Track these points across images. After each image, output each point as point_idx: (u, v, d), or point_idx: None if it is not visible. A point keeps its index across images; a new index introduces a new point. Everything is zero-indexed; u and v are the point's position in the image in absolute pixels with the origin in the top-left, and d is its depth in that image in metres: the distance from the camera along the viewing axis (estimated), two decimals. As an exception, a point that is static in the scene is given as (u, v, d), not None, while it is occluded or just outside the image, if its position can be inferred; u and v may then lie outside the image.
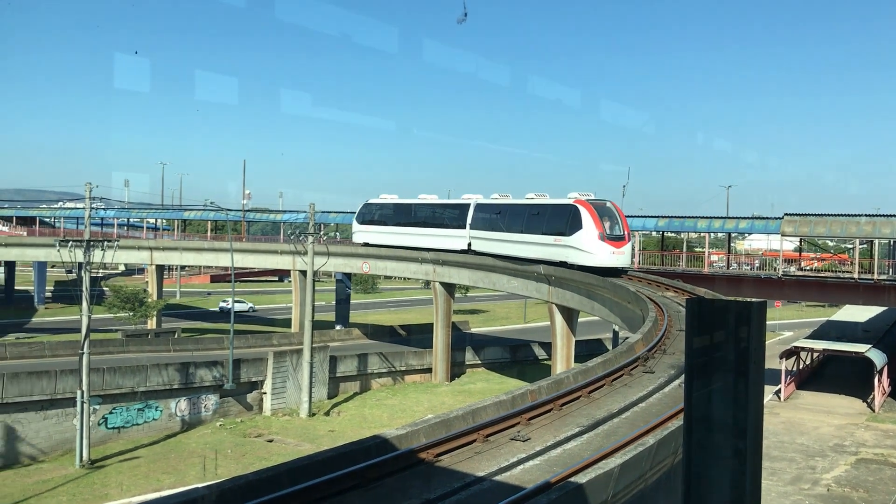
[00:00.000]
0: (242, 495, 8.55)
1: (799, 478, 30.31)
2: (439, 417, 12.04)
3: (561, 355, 43.62)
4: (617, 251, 38.32)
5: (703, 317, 4.35)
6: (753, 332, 4.20)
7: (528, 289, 45.93)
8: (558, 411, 13.91)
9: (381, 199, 58.22)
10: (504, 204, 47.69)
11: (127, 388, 37.39)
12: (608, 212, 39.39)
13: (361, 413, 43.10)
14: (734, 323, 4.24)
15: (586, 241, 38.38)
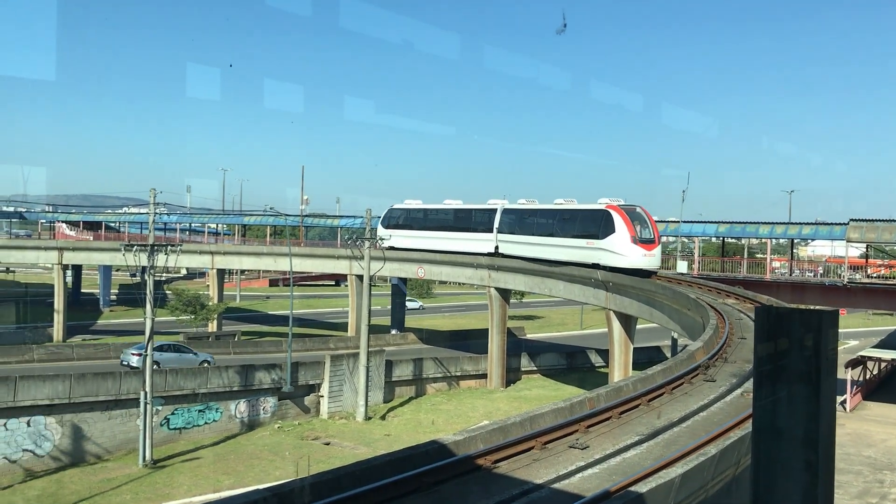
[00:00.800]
0: (305, 497, 8.66)
1: (866, 491, 29.39)
2: (497, 424, 12.02)
3: (618, 363, 43.11)
4: (648, 253, 40.51)
5: (773, 325, 4.26)
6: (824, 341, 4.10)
7: (586, 295, 45.56)
8: (617, 419, 13.77)
9: (406, 205, 60.34)
10: (535, 209, 49.52)
11: (188, 389, 38.15)
12: (639, 217, 41.85)
13: (417, 417, 43.23)
14: (804, 332, 4.15)
15: (619, 244, 40.73)
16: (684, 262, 55.11)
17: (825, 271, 55.97)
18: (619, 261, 40.74)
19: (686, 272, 50.48)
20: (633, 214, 41.82)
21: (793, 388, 4.10)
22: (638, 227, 41.07)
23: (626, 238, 40.59)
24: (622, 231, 40.81)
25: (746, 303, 33.86)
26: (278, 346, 55.68)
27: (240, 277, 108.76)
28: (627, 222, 41.03)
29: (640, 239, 40.63)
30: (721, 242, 66.21)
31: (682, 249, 63.86)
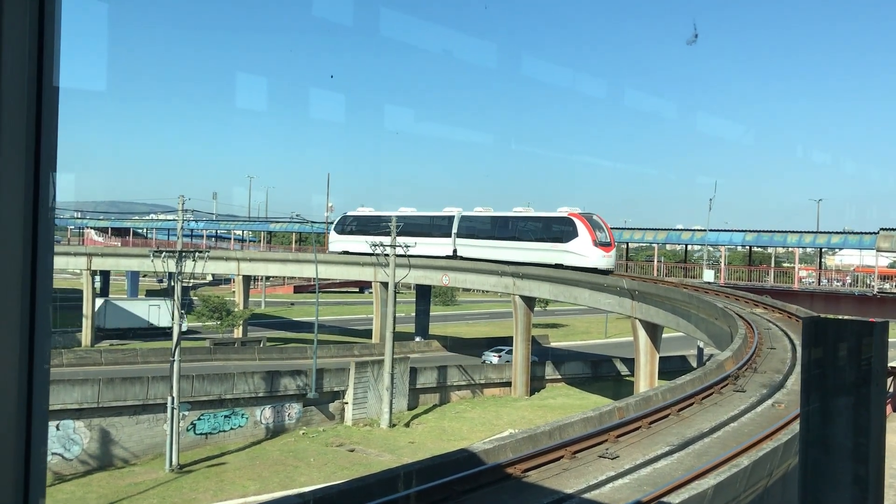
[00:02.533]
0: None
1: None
2: (526, 433, 11.95)
3: (644, 372, 42.81)
4: (606, 255, 46.59)
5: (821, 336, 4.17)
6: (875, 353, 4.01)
7: (611, 303, 45.34)
8: (647, 429, 13.63)
9: (359, 212, 64.75)
10: (498, 216, 54.70)
11: (214, 395, 38.38)
12: (597, 223, 47.77)
13: (441, 425, 43.16)
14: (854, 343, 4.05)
15: (582, 246, 46.49)
16: (711, 270, 54.65)
17: (854, 281, 55.25)
18: (582, 261, 46.24)
19: (713, 281, 50.05)
20: (593, 221, 47.64)
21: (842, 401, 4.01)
22: (597, 232, 46.96)
23: (588, 241, 46.34)
24: (584, 235, 46.58)
25: (775, 312, 33.49)
26: (303, 353, 55.84)
27: (265, 284, 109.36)
28: (589, 228, 46.84)
29: (599, 242, 46.54)
30: (748, 251, 65.58)
31: (708, 258, 63.33)
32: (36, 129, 1.87)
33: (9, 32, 1.84)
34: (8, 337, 1.74)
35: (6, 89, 1.83)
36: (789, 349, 23.33)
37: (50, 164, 1.93)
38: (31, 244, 1.82)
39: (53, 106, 1.93)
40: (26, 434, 1.75)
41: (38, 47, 1.87)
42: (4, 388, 1.73)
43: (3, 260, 1.77)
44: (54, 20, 1.94)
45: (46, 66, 1.89)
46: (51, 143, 1.93)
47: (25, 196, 1.81)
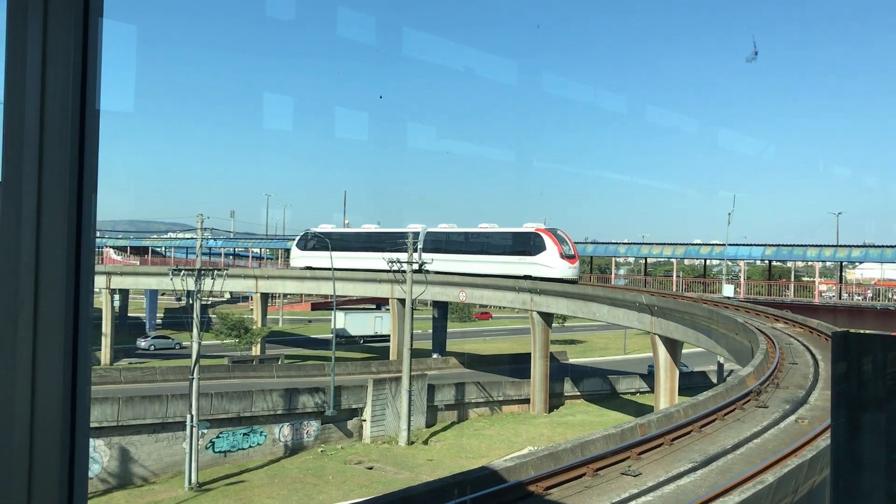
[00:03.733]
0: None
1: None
2: (548, 450, 11.90)
3: (664, 388, 42.48)
4: (571, 266, 50.83)
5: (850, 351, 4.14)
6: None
7: (630, 319, 45.10)
8: (669, 446, 13.53)
9: (321, 229, 67.61)
10: (465, 231, 58.01)
11: (233, 413, 38.44)
12: (561, 238, 51.94)
13: (459, 442, 42.98)
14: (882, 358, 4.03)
15: (550, 259, 50.47)
16: (730, 285, 54.29)
17: (875, 295, 54.70)
18: (549, 272, 50.17)
19: (732, 296, 49.70)
20: (558, 236, 51.78)
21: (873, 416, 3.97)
22: (563, 246, 51.08)
23: (555, 254, 50.41)
24: (552, 249, 50.63)
25: (796, 327, 33.20)
26: (321, 370, 55.88)
27: (283, 301, 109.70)
28: (555, 242, 50.98)
29: (565, 255, 50.65)
30: (767, 266, 65.11)
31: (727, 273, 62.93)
32: (79, 152, 1.91)
33: (53, 57, 1.88)
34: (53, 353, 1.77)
35: (50, 112, 1.87)
36: (811, 364, 23.11)
37: (92, 185, 1.97)
38: (75, 264, 1.85)
39: (95, 129, 1.97)
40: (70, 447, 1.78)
41: (81, 72, 1.91)
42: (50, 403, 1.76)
43: (49, 279, 1.80)
44: (97, 45, 1.99)
45: (90, 90, 1.93)
46: (93, 164, 1.96)
47: (69, 217, 1.84)
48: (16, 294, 1.77)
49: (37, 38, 1.86)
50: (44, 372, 1.75)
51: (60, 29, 1.88)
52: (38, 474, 1.74)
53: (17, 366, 1.75)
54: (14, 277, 1.78)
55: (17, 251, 1.79)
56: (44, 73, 1.86)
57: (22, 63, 1.86)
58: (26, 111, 1.85)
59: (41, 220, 1.80)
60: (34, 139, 1.85)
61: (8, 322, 1.76)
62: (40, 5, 1.86)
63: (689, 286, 59.38)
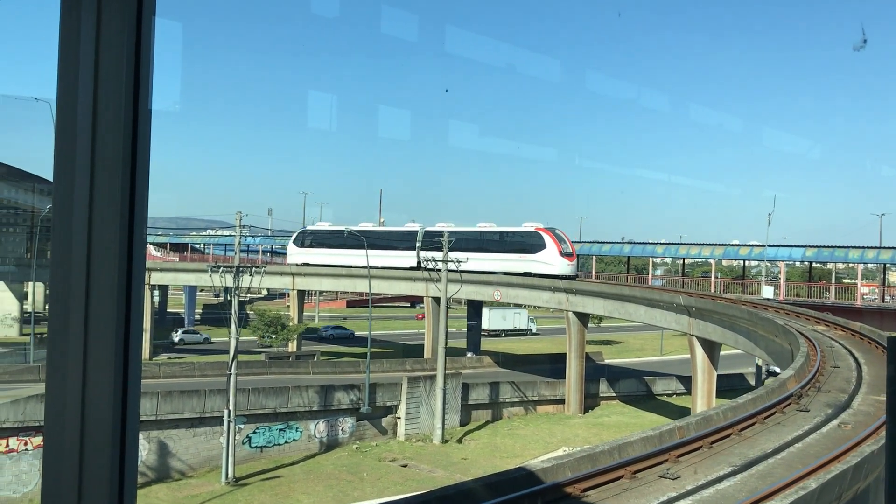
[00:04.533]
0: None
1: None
2: (585, 451, 11.81)
3: (702, 390, 41.98)
4: (570, 263, 53.72)
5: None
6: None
7: (667, 320, 44.65)
8: (708, 449, 13.35)
9: (317, 227, 70.28)
10: (465, 230, 59.55)
11: (269, 408, 38.78)
12: (560, 237, 54.66)
13: (493, 442, 42.91)
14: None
15: (550, 257, 53.18)
16: (769, 287, 53.52)
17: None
18: (550, 269, 52.82)
19: (771, 297, 48.98)
20: (557, 235, 54.50)
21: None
22: (562, 244, 53.83)
23: (555, 252, 53.14)
24: (552, 247, 53.35)
25: (837, 330, 32.59)
26: (356, 367, 56.17)
27: (319, 298, 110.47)
28: (555, 240, 53.67)
29: (563, 253, 53.45)
30: (808, 267, 64.06)
31: (766, 274, 62.04)
32: (132, 150, 1.91)
33: (106, 55, 1.89)
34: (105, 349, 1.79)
35: (103, 111, 1.88)
36: (854, 368, 22.66)
37: (144, 183, 1.97)
38: (127, 261, 1.87)
39: (147, 128, 1.97)
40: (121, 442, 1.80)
41: (134, 71, 1.92)
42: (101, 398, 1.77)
43: (100, 276, 1.81)
44: (150, 44, 1.99)
45: (142, 89, 1.93)
46: (145, 163, 1.97)
47: (122, 214, 1.85)
48: (68, 291, 1.78)
49: (90, 37, 1.87)
50: (95, 368, 1.76)
51: (114, 27, 1.89)
52: (89, 469, 1.75)
53: (68, 362, 1.76)
54: (66, 274, 1.80)
55: (69, 248, 1.80)
56: (97, 72, 1.87)
57: (75, 61, 1.87)
58: (79, 109, 1.86)
59: (93, 218, 1.81)
60: (86, 137, 1.86)
61: (60, 319, 1.78)
62: (94, 3, 1.86)
63: (727, 287, 58.63)
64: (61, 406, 1.76)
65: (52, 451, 1.77)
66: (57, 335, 1.78)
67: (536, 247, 54.11)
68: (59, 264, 1.80)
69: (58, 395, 1.77)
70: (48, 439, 1.77)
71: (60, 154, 1.87)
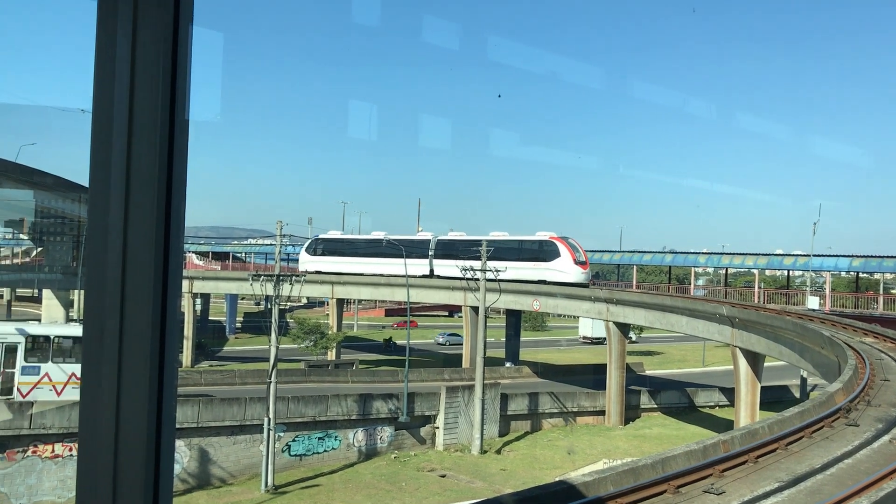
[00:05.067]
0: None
1: None
2: (627, 465, 11.61)
3: (745, 402, 41.23)
4: (584, 271, 55.10)
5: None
6: None
7: (709, 331, 43.98)
8: (754, 464, 13.03)
9: (329, 235, 71.11)
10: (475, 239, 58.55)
11: (309, 417, 38.96)
12: (574, 245, 56.01)
13: (532, 453, 42.59)
14: None
15: (564, 265, 54.50)
16: (815, 297, 52.44)
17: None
18: (564, 277, 54.10)
19: (817, 308, 47.98)
20: (570, 244, 55.79)
21: None
22: (576, 253, 55.21)
23: (570, 260, 54.50)
24: (566, 255, 54.73)
25: (887, 342, 31.73)
26: (394, 376, 56.23)
27: (357, 307, 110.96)
28: (569, 249, 55.12)
29: (578, 261, 54.76)
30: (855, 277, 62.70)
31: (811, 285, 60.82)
32: (168, 160, 1.90)
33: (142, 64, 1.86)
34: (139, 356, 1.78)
35: (139, 120, 1.86)
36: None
37: (180, 193, 1.96)
38: (163, 269, 1.85)
39: (184, 138, 1.96)
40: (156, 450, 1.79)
41: (171, 79, 1.89)
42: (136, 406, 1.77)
43: (138, 285, 1.82)
44: (187, 53, 1.96)
45: (179, 98, 1.91)
46: (181, 173, 1.96)
47: (157, 224, 1.83)
48: (103, 299, 1.78)
49: (126, 46, 1.86)
50: (129, 375, 1.76)
51: (150, 37, 1.87)
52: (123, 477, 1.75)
53: (102, 369, 1.76)
54: (101, 283, 1.79)
55: (104, 257, 1.80)
56: (132, 82, 1.86)
57: (111, 71, 1.86)
58: (114, 119, 1.85)
59: (128, 227, 1.80)
60: (122, 147, 1.85)
61: (95, 327, 1.78)
62: (130, 11, 1.84)
63: (771, 298, 57.60)
64: (95, 414, 1.76)
65: (86, 459, 1.77)
66: (92, 343, 1.78)
67: (551, 255, 55.42)
68: (94, 273, 1.79)
69: (92, 403, 1.77)
70: (82, 447, 1.77)
71: (96, 163, 1.87)
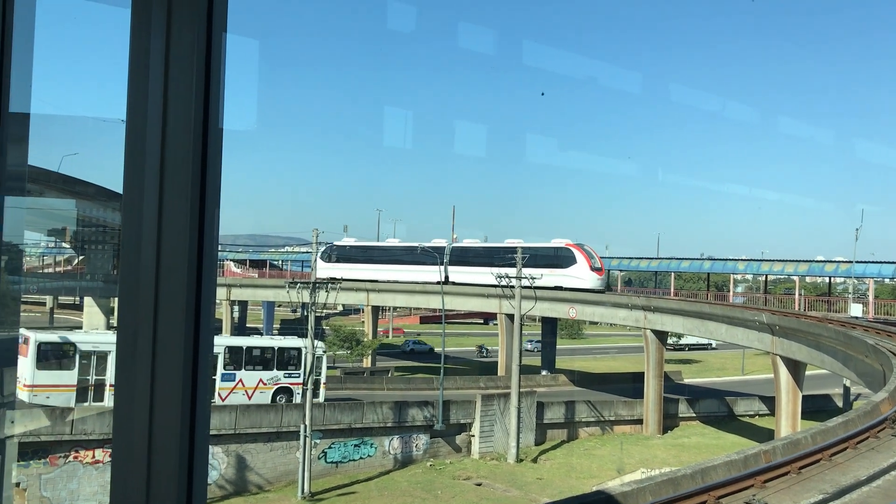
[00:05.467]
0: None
1: None
2: (666, 475, 11.44)
3: (786, 411, 40.52)
4: (600, 277, 56.77)
5: None
6: None
7: (749, 339, 43.32)
8: (796, 475, 12.76)
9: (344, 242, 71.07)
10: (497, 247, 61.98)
11: (345, 424, 39.07)
12: (589, 252, 57.63)
13: (569, 462, 42.26)
14: None
15: (581, 271, 56.01)
16: (858, 304, 51.39)
17: None
18: (580, 283, 55.54)
19: (860, 316, 47.00)
20: (586, 250, 57.42)
21: None
22: (591, 260, 56.82)
23: (586, 267, 56.00)
24: (582, 262, 56.24)
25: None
26: (429, 384, 56.23)
27: (392, 314, 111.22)
28: (585, 256, 56.68)
29: (594, 267, 56.33)
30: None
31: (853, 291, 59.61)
32: (201, 169, 1.90)
33: (176, 72, 1.86)
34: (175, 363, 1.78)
35: (172, 131, 1.86)
36: (953, 391, 21.44)
37: (214, 201, 1.96)
38: (196, 277, 1.86)
39: (218, 147, 1.96)
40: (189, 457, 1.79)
41: (204, 88, 1.89)
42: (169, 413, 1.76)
43: (171, 293, 1.83)
44: (221, 61, 1.96)
45: (212, 107, 1.91)
46: (215, 182, 1.96)
47: (191, 232, 1.83)
48: (136, 307, 1.79)
49: (159, 54, 1.86)
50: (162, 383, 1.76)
51: (183, 45, 1.87)
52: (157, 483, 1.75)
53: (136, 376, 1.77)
54: (135, 290, 1.80)
55: (138, 265, 1.80)
56: (165, 90, 1.87)
57: (144, 79, 1.87)
58: (148, 128, 1.86)
59: (161, 236, 1.81)
60: (155, 156, 1.86)
61: (129, 333, 1.79)
62: (163, 19, 1.85)
63: (812, 305, 56.58)
64: (129, 421, 1.77)
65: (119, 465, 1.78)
66: (125, 350, 1.79)
67: (567, 261, 56.85)
68: (128, 280, 1.80)
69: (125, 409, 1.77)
70: (115, 453, 1.78)
71: (130, 172, 1.89)
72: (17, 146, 2.28)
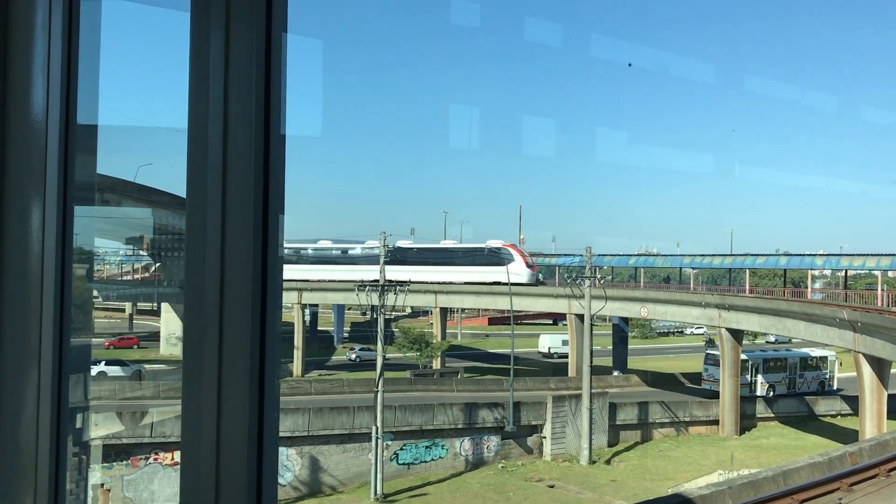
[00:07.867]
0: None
1: None
2: (747, 478, 11.10)
3: (870, 411, 39.03)
4: (533, 273, 66.42)
5: None
6: None
7: (829, 336, 41.92)
8: (885, 478, 12.23)
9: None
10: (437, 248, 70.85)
11: (416, 425, 39.25)
12: (522, 251, 67.42)
13: (643, 463, 41.57)
14: None
15: (518, 268, 63.52)
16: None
17: None
18: (517, 278, 61.19)
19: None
20: (521, 249, 67.48)
21: None
22: (526, 258, 66.16)
23: (522, 264, 64.74)
24: (519, 260, 64.84)
25: None
26: (499, 385, 56.00)
27: (461, 315, 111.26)
28: (520, 254, 66.01)
29: (528, 264, 65.62)
30: None
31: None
32: (264, 175, 1.89)
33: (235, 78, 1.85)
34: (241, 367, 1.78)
35: (233, 138, 1.86)
36: None
37: (278, 207, 1.95)
38: (261, 282, 1.85)
39: (280, 153, 1.95)
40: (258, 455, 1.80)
41: (265, 95, 1.88)
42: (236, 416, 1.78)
43: (236, 298, 1.81)
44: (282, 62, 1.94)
45: (274, 115, 1.91)
46: (278, 187, 1.95)
47: (255, 237, 1.82)
48: (202, 312, 1.81)
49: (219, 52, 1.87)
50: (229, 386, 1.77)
51: (243, 47, 1.87)
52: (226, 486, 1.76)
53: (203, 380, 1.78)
54: (200, 295, 1.81)
55: (203, 271, 1.82)
56: (226, 96, 1.88)
57: (205, 85, 1.87)
58: (209, 135, 1.86)
59: (225, 243, 1.82)
60: (217, 163, 1.87)
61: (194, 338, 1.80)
62: (222, 18, 1.84)
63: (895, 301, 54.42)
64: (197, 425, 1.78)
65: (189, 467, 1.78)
66: (191, 355, 1.80)
67: (506, 260, 64.33)
68: (193, 286, 1.82)
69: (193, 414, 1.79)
70: (185, 456, 1.79)
71: (192, 179, 1.90)
72: (85, 157, 2.31)
